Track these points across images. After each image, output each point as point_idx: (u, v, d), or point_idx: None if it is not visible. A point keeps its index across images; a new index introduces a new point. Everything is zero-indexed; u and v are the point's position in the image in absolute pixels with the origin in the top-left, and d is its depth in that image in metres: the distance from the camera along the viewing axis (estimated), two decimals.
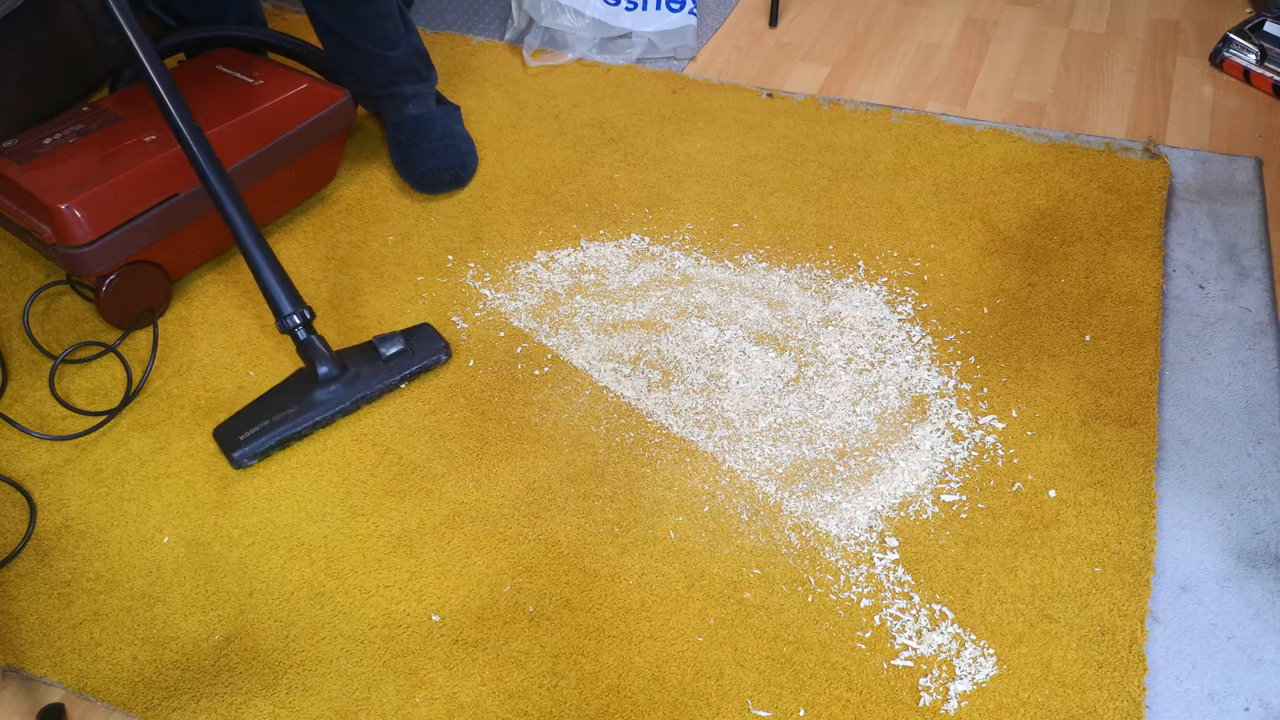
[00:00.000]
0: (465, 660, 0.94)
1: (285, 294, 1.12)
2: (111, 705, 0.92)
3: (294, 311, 1.12)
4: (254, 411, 1.12)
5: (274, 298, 1.11)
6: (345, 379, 1.13)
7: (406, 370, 1.16)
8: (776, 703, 0.89)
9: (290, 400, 1.12)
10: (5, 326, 1.29)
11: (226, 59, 1.40)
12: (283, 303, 1.11)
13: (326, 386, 1.12)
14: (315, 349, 1.13)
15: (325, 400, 1.12)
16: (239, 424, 1.11)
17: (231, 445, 1.09)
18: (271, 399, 1.12)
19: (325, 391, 1.12)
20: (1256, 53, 1.55)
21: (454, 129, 1.48)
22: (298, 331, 1.12)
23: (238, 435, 1.09)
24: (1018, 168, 1.44)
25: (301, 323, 1.12)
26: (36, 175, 1.18)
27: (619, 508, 1.05)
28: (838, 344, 1.21)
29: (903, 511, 1.03)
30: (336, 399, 1.13)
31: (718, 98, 1.61)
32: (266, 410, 1.11)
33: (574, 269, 1.33)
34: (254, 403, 1.13)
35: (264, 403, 1.12)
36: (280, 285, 1.11)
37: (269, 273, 1.11)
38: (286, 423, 1.10)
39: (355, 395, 1.13)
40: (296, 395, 1.12)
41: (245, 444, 1.08)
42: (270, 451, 1.10)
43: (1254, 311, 1.21)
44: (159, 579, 1.02)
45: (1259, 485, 1.04)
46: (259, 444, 1.09)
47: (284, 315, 1.11)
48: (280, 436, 1.10)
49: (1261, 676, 0.90)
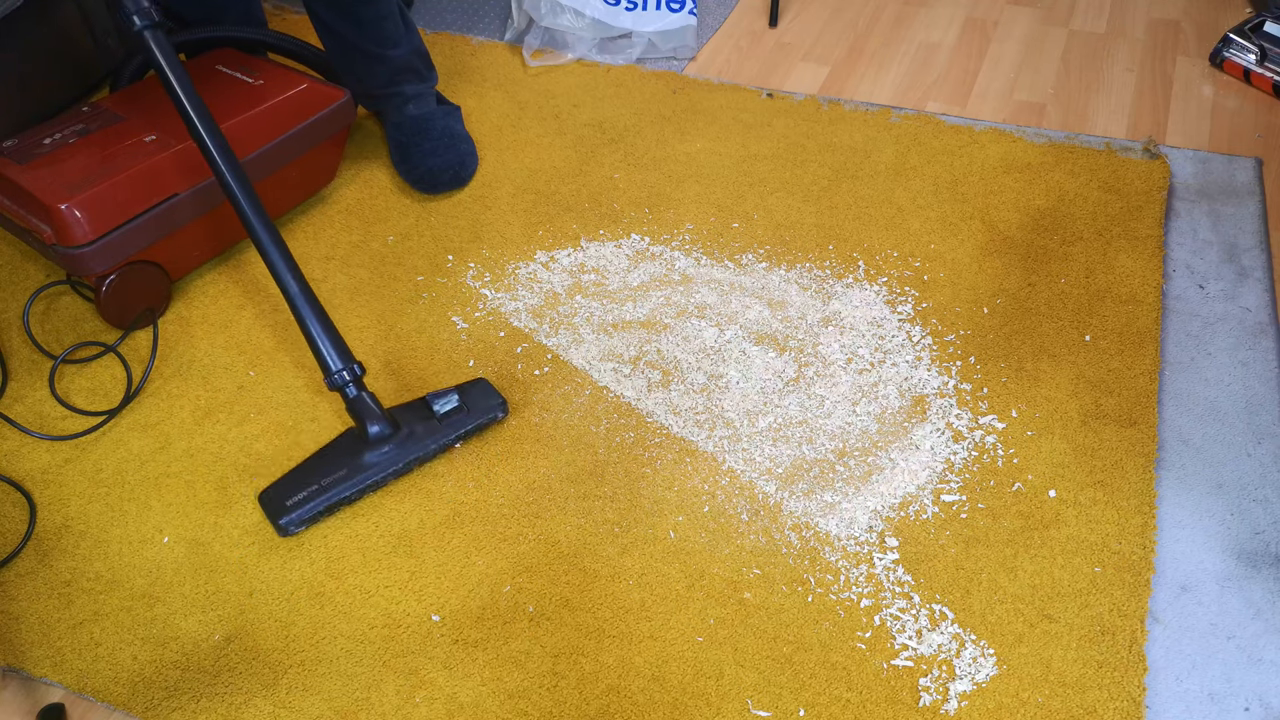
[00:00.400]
0: (465, 660, 0.94)
1: (334, 348, 1.05)
2: (111, 705, 0.92)
3: (344, 368, 1.05)
4: (302, 474, 1.05)
5: (322, 353, 1.05)
6: (398, 439, 1.07)
7: (462, 430, 1.10)
8: (776, 703, 0.89)
9: (340, 462, 1.05)
10: (5, 326, 1.29)
11: (226, 59, 1.40)
12: (331, 359, 1.05)
13: (378, 448, 1.06)
14: (366, 406, 1.06)
15: (376, 463, 1.05)
16: (286, 487, 1.04)
17: (278, 511, 1.02)
18: (320, 460, 1.06)
19: (376, 453, 1.06)
20: (1256, 53, 1.55)
21: (454, 129, 1.48)
22: (347, 389, 1.05)
23: (284, 500, 1.03)
24: (1018, 168, 1.44)
25: (351, 379, 1.05)
26: (36, 175, 1.17)
27: (619, 508, 1.05)
28: (838, 344, 1.21)
29: (903, 511, 1.03)
30: (388, 461, 1.06)
31: (718, 98, 1.61)
32: (315, 473, 1.05)
33: (574, 269, 1.33)
34: (302, 464, 1.07)
35: (312, 464, 1.06)
36: (328, 339, 1.05)
37: (317, 326, 1.05)
38: (335, 487, 1.04)
39: (409, 457, 1.07)
40: (346, 457, 1.06)
41: (292, 510, 1.02)
42: (319, 518, 1.04)
43: (1254, 311, 1.21)
44: (159, 579, 1.02)
45: (1259, 485, 1.04)
46: (307, 510, 1.03)
47: (332, 372, 1.05)
48: (329, 502, 1.04)
49: (1261, 676, 0.90)
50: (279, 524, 1.02)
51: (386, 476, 1.07)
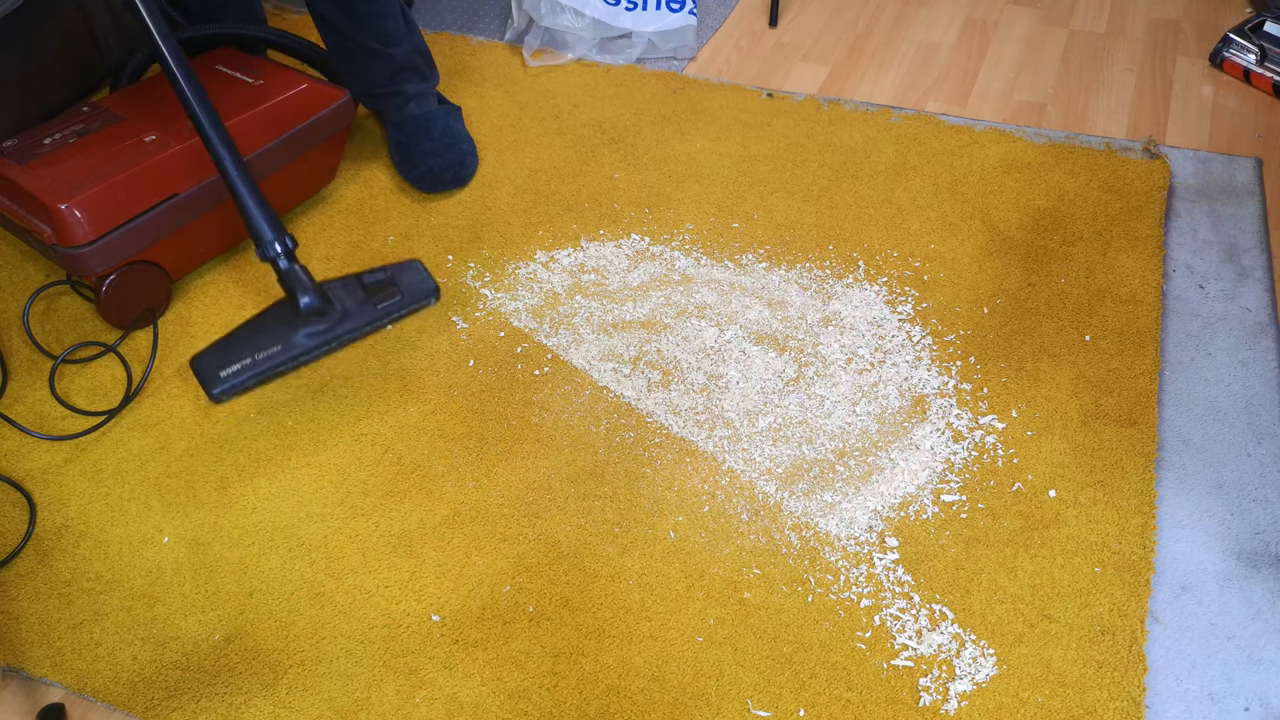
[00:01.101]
0: (465, 660, 0.94)
1: (267, 221, 1.07)
2: (111, 705, 0.92)
3: (275, 239, 1.07)
4: (235, 343, 1.07)
5: (255, 225, 1.06)
6: (330, 316, 1.09)
7: (394, 314, 1.12)
8: (776, 703, 0.89)
9: (273, 334, 1.08)
10: (5, 326, 1.29)
11: (226, 59, 1.40)
12: (264, 229, 1.07)
13: (310, 322, 1.08)
14: (298, 279, 1.08)
15: (307, 339, 1.08)
16: (219, 356, 1.06)
17: (211, 380, 1.05)
18: (252, 332, 1.08)
19: (308, 329, 1.08)
20: (1256, 53, 1.55)
21: (455, 128, 1.48)
22: (279, 261, 1.07)
23: (218, 370, 1.06)
24: (1018, 168, 1.44)
25: (283, 251, 1.07)
26: (36, 175, 1.17)
27: (619, 508, 1.05)
28: (838, 344, 1.21)
29: (903, 511, 1.03)
30: (319, 339, 1.08)
31: (718, 98, 1.61)
32: (248, 344, 1.07)
33: (574, 269, 1.33)
34: (234, 334, 1.08)
35: (244, 335, 1.08)
36: (262, 213, 1.07)
37: (251, 200, 1.07)
38: (268, 361, 1.06)
39: (339, 332, 1.09)
40: (280, 328, 1.08)
41: (226, 381, 1.06)
42: (249, 388, 1.06)
43: (1254, 311, 1.21)
44: (159, 579, 1.02)
45: (1259, 485, 1.04)
46: (239, 381, 1.06)
47: (265, 243, 1.07)
48: (261, 375, 1.07)
49: (1261, 676, 0.90)
50: (212, 393, 1.05)
51: (317, 352, 1.08)
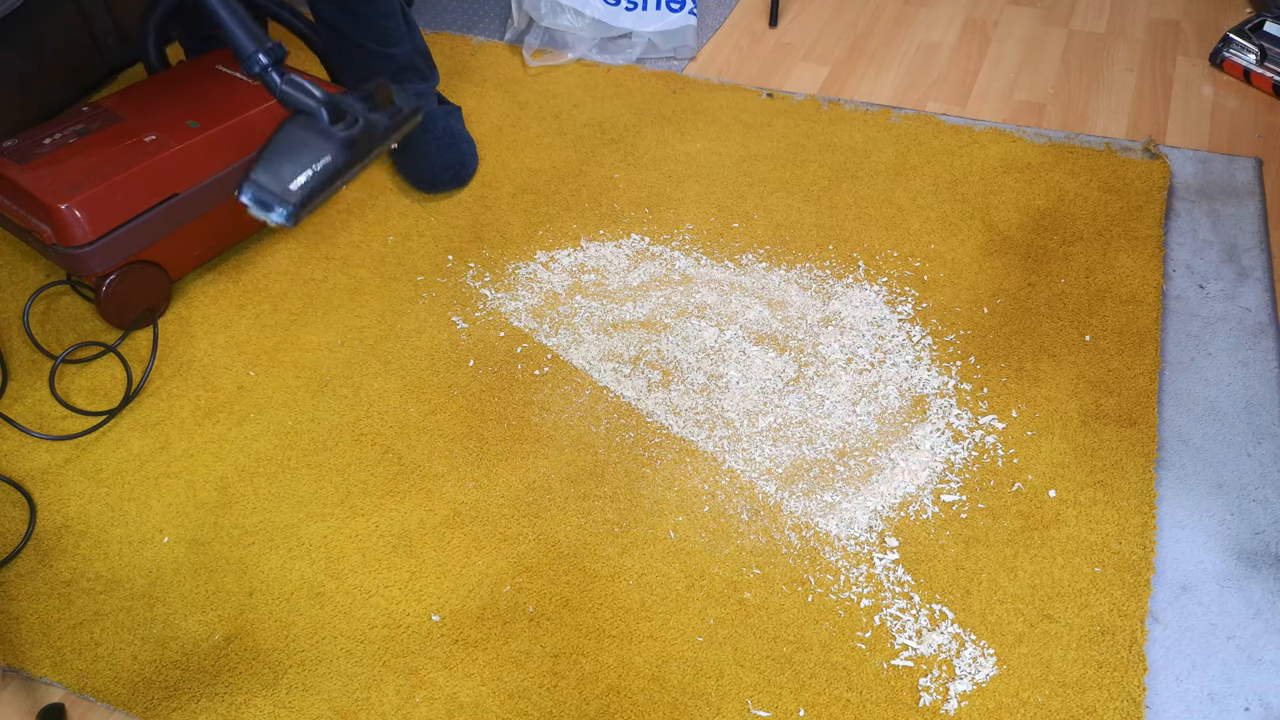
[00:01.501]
0: (465, 660, 0.94)
1: (247, 32, 0.92)
2: (111, 705, 0.92)
3: (258, 49, 0.92)
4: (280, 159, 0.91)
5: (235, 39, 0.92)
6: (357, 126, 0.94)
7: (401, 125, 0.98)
8: (776, 703, 0.89)
9: (314, 146, 0.91)
10: (5, 326, 1.29)
11: (227, 59, 1.40)
12: (245, 42, 0.92)
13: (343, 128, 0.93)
14: (302, 87, 0.92)
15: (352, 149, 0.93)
16: (276, 172, 0.90)
17: (283, 194, 0.88)
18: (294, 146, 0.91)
19: (344, 134, 0.93)
20: (1256, 53, 1.55)
21: (455, 128, 1.48)
22: (268, 74, 0.93)
23: (285, 182, 0.89)
24: (1018, 168, 1.44)
25: (271, 61, 0.93)
26: (36, 175, 1.17)
27: (619, 508, 1.05)
28: (838, 344, 1.21)
29: (903, 511, 1.03)
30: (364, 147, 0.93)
31: (718, 98, 1.61)
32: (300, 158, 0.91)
33: (574, 269, 1.33)
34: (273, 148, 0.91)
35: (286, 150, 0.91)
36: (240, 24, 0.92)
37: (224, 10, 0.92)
38: (326, 172, 0.90)
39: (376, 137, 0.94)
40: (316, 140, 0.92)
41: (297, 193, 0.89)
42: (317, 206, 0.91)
43: (1254, 311, 1.21)
44: (159, 579, 1.02)
45: (1259, 485, 1.04)
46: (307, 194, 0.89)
47: (248, 56, 0.92)
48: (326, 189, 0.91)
49: (1261, 676, 0.90)
50: (287, 211, 0.89)
51: (367, 159, 0.94)
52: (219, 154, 1.26)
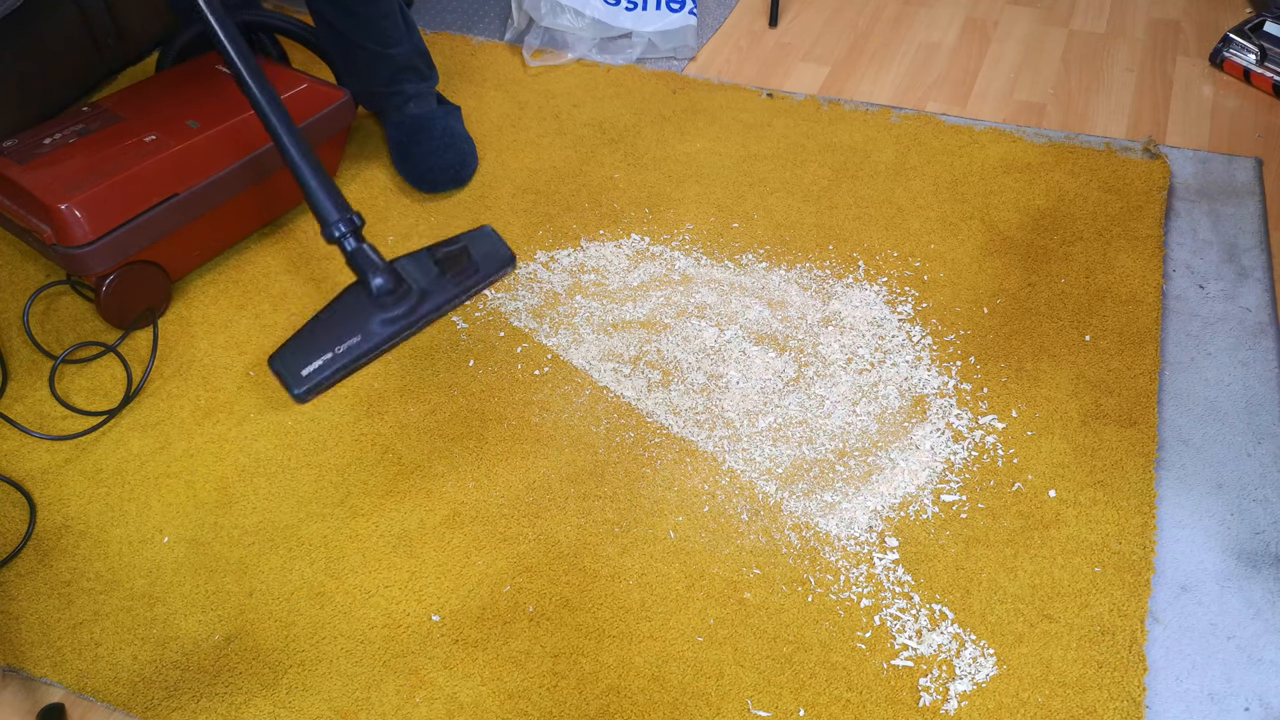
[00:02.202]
0: (465, 660, 0.94)
1: (331, 199, 0.99)
2: (111, 705, 0.92)
3: (340, 219, 0.99)
4: (312, 338, 0.99)
5: (318, 204, 0.99)
6: (407, 297, 1.00)
7: (473, 287, 1.03)
8: (776, 703, 0.89)
9: (349, 325, 0.99)
10: (5, 326, 1.29)
11: None
12: (328, 210, 0.99)
13: (386, 307, 1.00)
14: (367, 258, 1.00)
15: (385, 325, 1.00)
16: (298, 353, 0.98)
17: (294, 379, 0.97)
18: (329, 323, 1.00)
19: (386, 314, 1.00)
20: (1256, 53, 1.55)
21: (454, 128, 1.48)
22: (345, 241, 0.99)
23: (299, 368, 0.97)
24: (1018, 168, 1.44)
25: (349, 230, 0.99)
26: (36, 175, 1.17)
27: (619, 508, 1.05)
28: (838, 344, 1.21)
29: (903, 511, 1.03)
30: (400, 323, 0.99)
31: (718, 98, 1.61)
32: (327, 338, 0.98)
33: (574, 269, 1.33)
34: (309, 327, 1.00)
35: (321, 327, 1.00)
36: (325, 190, 0.99)
37: (313, 179, 0.99)
38: (349, 353, 0.98)
39: (420, 315, 1.00)
40: (355, 318, 1.00)
41: (310, 379, 0.97)
42: (333, 384, 0.98)
43: (1254, 311, 1.21)
44: (159, 579, 1.02)
45: (1259, 485, 1.04)
46: (322, 377, 0.97)
47: (330, 223, 0.99)
48: (345, 369, 0.98)
49: (1261, 676, 0.90)
50: (296, 393, 0.97)
51: (400, 337, 1.00)
52: (219, 154, 1.26)
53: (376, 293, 0.99)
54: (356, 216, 1.00)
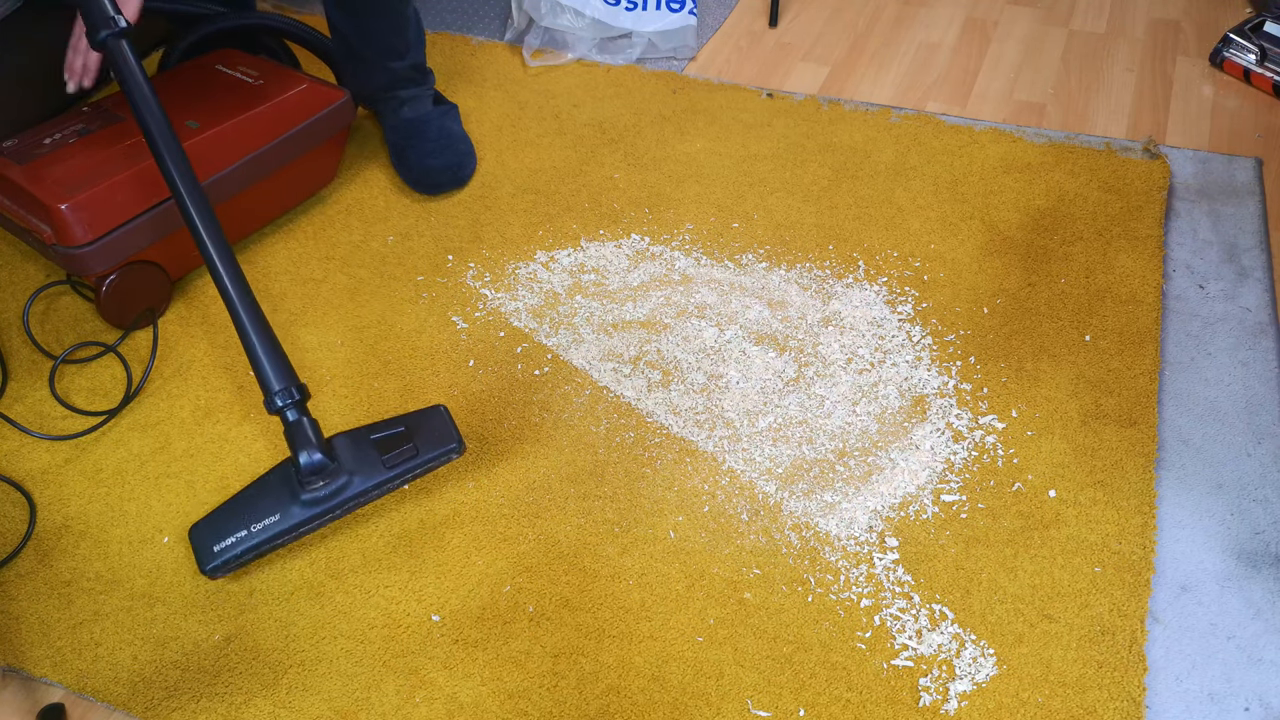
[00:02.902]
0: (465, 660, 0.94)
1: (276, 367, 0.96)
2: (111, 705, 0.92)
3: (282, 388, 0.96)
4: (232, 512, 0.99)
5: (262, 372, 0.96)
6: (334, 479, 0.98)
7: (408, 471, 1.01)
8: (776, 703, 0.89)
9: (271, 502, 0.98)
10: (5, 326, 1.29)
11: (227, 59, 1.40)
12: (270, 378, 0.96)
13: (313, 487, 0.98)
14: (303, 434, 0.96)
15: (306, 508, 0.98)
16: (214, 528, 0.98)
17: (205, 555, 0.97)
18: (252, 498, 0.99)
19: (309, 494, 0.98)
20: (1256, 53, 1.55)
21: (451, 129, 1.48)
22: (287, 412, 0.96)
23: (212, 544, 0.97)
24: (1018, 168, 1.44)
25: (292, 401, 0.96)
26: (36, 175, 1.17)
27: (619, 508, 1.05)
28: (838, 344, 1.21)
29: (903, 511, 1.03)
30: (319, 507, 0.98)
31: (718, 98, 1.61)
32: (245, 514, 0.98)
33: (574, 269, 1.33)
34: (235, 499, 1.00)
35: (244, 502, 0.99)
36: (270, 358, 0.96)
37: (261, 342, 0.96)
38: (263, 533, 0.97)
39: (340, 500, 0.98)
40: (279, 496, 0.98)
41: (219, 555, 0.97)
42: (245, 563, 0.99)
43: (1254, 311, 1.21)
44: (159, 579, 1.02)
45: (1259, 485, 1.04)
46: (231, 555, 0.96)
47: (273, 393, 0.96)
48: (256, 550, 0.98)
49: (1261, 676, 0.90)
50: (205, 569, 0.96)
51: (316, 523, 0.99)
52: (219, 154, 1.26)
53: (304, 469, 0.96)
54: (300, 388, 0.97)
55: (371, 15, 1.38)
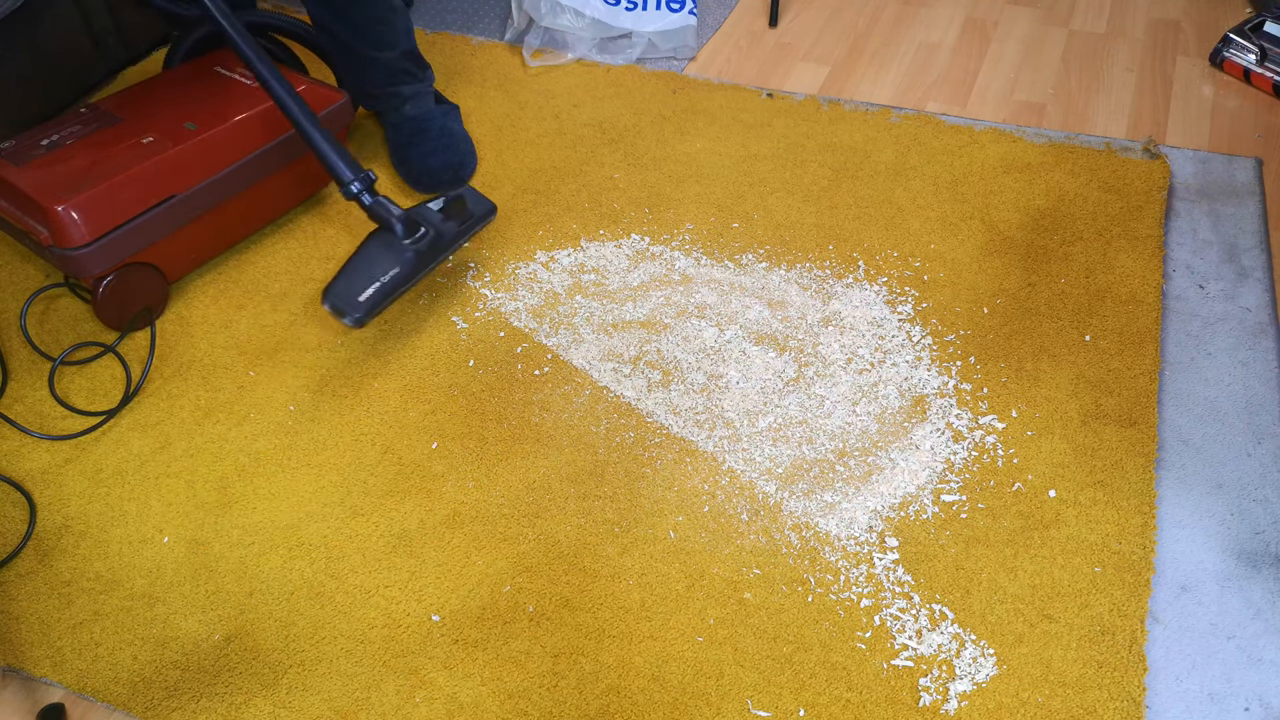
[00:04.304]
0: (465, 660, 0.94)
1: (344, 161, 1.13)
2: (111, 705, 0.92)
3: (355, 177, 1.13)
4: (355, 273, 1.13)
5: (334, 166, 1.13)
6: (425, 235, 1.16)
7: (472, 226, 1.20)
8: (776, 703, 0.89)
9: (386, 259, 1.13)
10: (4, 327, 1.29)
11: (225, 60, 1.40)
12: (343, 170, 1.13)
13: (416, 239, 1.15)
14: (386, 208, 1.15)
15: (419, 254, 1.15)
16: (348, 285, 1.12)
17: (351, 305, 1.10)
18: (365, 261, 1.14)
19: (415, 247, 1.15)
20: (1256, 53, 1.55)
21: (452, 129, 1.48)
22: (363, 196, 1.14)
23: (355, 296, 1.10)
24: (1018, 168, 1.44)
25: (365, 186, 1.13)
26: (34, 177, 1.17)
27: (619, 508, 1.05)
28: (838, 344, 1.21)
29: (903, 511, 1.03)
30: (429, 253, 1.16)
31: (718, 98, 1.61)
32: (370, 270, 1.13)
33: (574, 269, 1.33)
34: (349, 266, 1.13)
35: (361, 265, 1.13)
36: (338, 154, 1.13)
37: (325, 145, 1.13)
38: (394, 281, 1.13)
39: (439, 247, 1.16)
40: (389, 254, 1.14)
41: (364, 304, 1.10)
42: (384, 309, 1.13)
43: (1254, 311, 1.21)
44: (159, 579, 1.02)
45: (1259, 485, 1.04)
46: (374, 303, 1.11)
47: (346, 182, 1.13)
48: (391, 295, 1.12)
49: (1261, 676, 0.90)
50: (356, 317, 1.09)
51: (433, 264, 1.16)
52: (216, 156, 1.26)
53: (403, 232, 1.13)
54: (370, 173, 1.13)
55: (351, 5, 1.36)
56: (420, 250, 1.14)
